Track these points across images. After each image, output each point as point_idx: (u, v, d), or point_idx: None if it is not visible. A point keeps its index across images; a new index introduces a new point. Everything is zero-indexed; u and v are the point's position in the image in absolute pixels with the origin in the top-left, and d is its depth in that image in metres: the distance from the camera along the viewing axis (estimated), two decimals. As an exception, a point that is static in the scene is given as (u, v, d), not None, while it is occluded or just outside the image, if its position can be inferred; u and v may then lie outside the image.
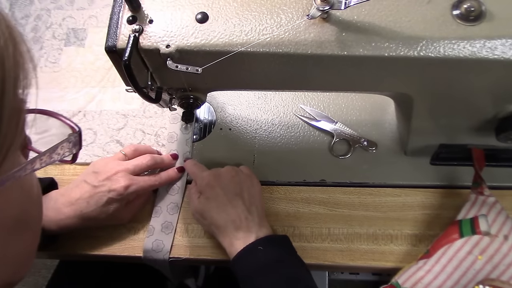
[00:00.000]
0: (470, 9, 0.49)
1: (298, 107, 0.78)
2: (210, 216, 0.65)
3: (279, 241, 0.65)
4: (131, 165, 0.69)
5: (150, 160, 0.71)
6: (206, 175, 0.68)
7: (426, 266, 0.60)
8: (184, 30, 0.53)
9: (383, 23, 0.51)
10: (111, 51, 0.54)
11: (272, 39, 0.51)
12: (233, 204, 0.64)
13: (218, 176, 0.67)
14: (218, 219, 0.64)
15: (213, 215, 0.65)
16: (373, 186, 0.72)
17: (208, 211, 0.65)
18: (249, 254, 0.61)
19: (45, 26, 0.93)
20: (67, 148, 0.39)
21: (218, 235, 0.65)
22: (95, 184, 0.66)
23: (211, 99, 0.81)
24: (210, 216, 0.65)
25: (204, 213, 0.66)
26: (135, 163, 0.70)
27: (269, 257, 0.61)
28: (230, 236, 0.63)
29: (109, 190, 0.66)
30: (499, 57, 0.49)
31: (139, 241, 0.71)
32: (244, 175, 0.69)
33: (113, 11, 0.54)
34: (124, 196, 0.66)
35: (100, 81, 0.86)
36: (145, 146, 0.75)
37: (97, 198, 0.66)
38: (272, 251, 0.62)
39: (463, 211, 0.63)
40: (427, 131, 0.66)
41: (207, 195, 0.66)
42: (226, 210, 0.64)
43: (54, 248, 0.71)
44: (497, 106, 0.58)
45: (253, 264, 0.61)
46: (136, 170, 0.69)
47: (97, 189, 0.66)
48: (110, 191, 0.66)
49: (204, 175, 0.68)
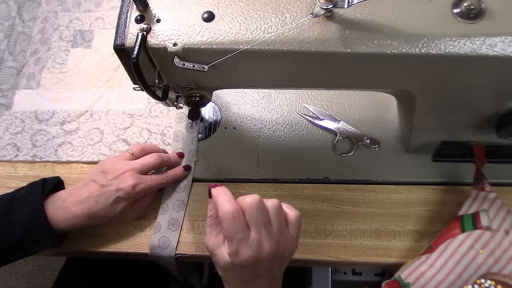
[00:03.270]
0: (470, 7, 0.50)
1: (302, 106, 0.80)
2: (230, 284, 0.57)
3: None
4: (138, 164, 0.70)
5: (156, 159, 0.71)
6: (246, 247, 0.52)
7: (428, 260, 0.61)
8: (191, 28, 0.54)
9: (386, 21, 0.52)
10: (120, 49, 0.55)
11: (277, 37, 0.52)
12: (259, 282, 0.56)
13: (259, 255, 0.53)
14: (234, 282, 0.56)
15: (234, 284, 0.56)
16: (376, 183, 0.73)
17: (230, 280, 0.57)
18: None
19: (53, 28, 0.94)
20: None
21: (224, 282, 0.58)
22: (103, 183, 0.67)
23: (216, 98, 0.82)
24: (231, 284, 0.57)
25: (226, 278, 0.57)
26: (142, 162, 0.70)
27: None
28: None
29: (117, 189, 0.67)
30: (499, 53, 0.50)
31: (146, 238, 0.72)
32: (287, 251, 0.56)
33: (121, 11, 0.56)
34: (131, 195, 0.67)
35: (107, 81, 0.87)
36: (152, 145, 0.76)
37: (105, 197, 0.67)
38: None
39: (464, 206, 0.64)
40: (429, 128, 0.67)
41: (238, 270, 0.54)
42: (249, 284, 0.56)
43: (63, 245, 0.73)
44: (497, 102, 0.59)
45: None
46: (144, 169, 0.70)
47: (105, 188, 0.67)
48: (118, 190, 0.67)
49: (242, 247, 0.52)
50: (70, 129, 0.84)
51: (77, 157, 0.80)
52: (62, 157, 0.81)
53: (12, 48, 0.94)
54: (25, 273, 1.74)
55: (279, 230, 0.54)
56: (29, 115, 0.86)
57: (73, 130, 0.83)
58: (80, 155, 0.81)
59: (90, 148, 0.81)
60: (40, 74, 0.90)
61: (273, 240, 0.53)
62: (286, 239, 0.55)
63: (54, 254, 0.76)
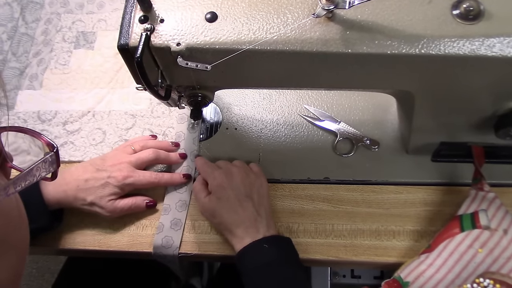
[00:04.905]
0: (469, 8, 0.51)
1: (302, 107, 0.80)
2: (220, 215, 0.68)
3: (284, 242, 0.67)
4: (134, 158, 0.72)
5: (151, 154, 0.73)
6: (218, 174, 0.70)
7: (428, 260, 0.62)
8: (194, 29, 0.55)
9: (386, 22, 0.53)
10: (124, 49, 0.55)
11: (279, 38, 0.53)
12: (244, 206, 0.67)
13: (229, 176, 0.69)
14: (228, 219, 0.67)
15: (223, 215, 0.67)
16: (376, 183, 0.73)
17: (219, 211, 0.68)
18: (254, 250, 0.64)
19: (55, 30, 0.95)
20: (44, 168, 0.39)
21: (227, 234, 0.68)
22: (99, 167, 0.71)
23: (218, 99, 0.83)
24: (220, 216, 0.67)
25: (215, 213, 0.68)
26: (137, 156, 0.73)
27: (273, 255, 0.63)
28: (239, 235, 0.65)
29: (109, 176, 0.70)
30: (497, 54, 0.51)
31: (147, 237, 0.73)
32: (254, 176, 0.71)
33: (125, 11, 0.56)
34: (121, 184, 0.70)
35: (109, 82, 0.88)
36: (155, 142, 0.78)
37: (96, 179, 0.70)
38: (276, 250, 0.64)
39: (463, 206, 0.65)
40: (428, 129, 0.68)
41: (218, 195, 0.68)
42: (237, 211, 0.67)
43: (57, 243, 0.73)
44: (496, 103, 0.60)
45: (257, 260, 0.63)
46: (138, 163, 0.73)
47: (99, 172, 0.70)
48: (110, 177, 0.70)
49: (215, 175, 0.70)
50: (73, 129, 0.84)
51: (79, 157, 0.81)
52: (64, 157, 0.81)
53: (15, 49, 0.94)
54: (24, 275, 1.74)
55: (243, 166, 0.72)
56: (31, 115, 0.87)
57: (75, 130, 0.84)
58: (82, 155, 0.81)
59: (92, 148, 0.82)
60: (42, 74, 0.91)
61: (241, 170, 0.70)
62: (253, 173, 0.71)
63: (55, 253, 0.77)
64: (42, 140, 0.42)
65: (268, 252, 0.63)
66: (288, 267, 0.64)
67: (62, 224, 0.75)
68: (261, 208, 0.68)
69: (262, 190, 0.70)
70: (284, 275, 0.63)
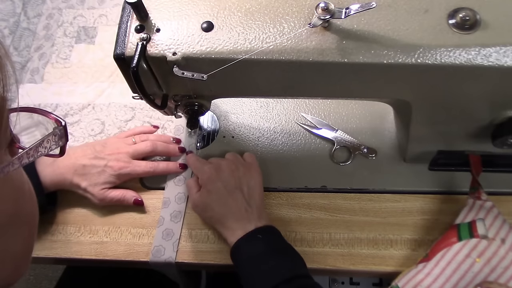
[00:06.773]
0: (465, 18, 0.51)
1: (300, 115, 0.80)
2: (211, 208, 0.68)
3: (277, 232, 0.67)
4: (131, 149, 0.75)
5: (148, 146, 0.75)
6: (207, 169, 0.70)
7: (425, 269, 0.62)
8: (190, 38, 0.55)
9: (382, 32, 0.53)
10: (120, 58, 0.56)
11: (275, 47, 0.53)
12: (233, 197, 0.67)
13: (219, 169, 0.70)
14: (219, 211, 0.68)
15: (214, 208, 0.68)
16: (373, 192, 0.73)
17: (209, 204, 0.69)
18: (248, 242, 0.64)
19: (57, 25, 0.97)
20: (53, 141, 0.40)
21: (219, 227, 0.68)
22: (98, 155, 0.73)
23: (215, 107, 0.83)
24: (211, 209, 0.68)
25: (205, 206, 0.69)
26: (135, 147, 0.75)
27: (268, 245, 0.64)
28: (231, 227, 0.66)
29: (105, 164, 0.72)
30: (494, 64, 0.51)
31: (144, 247, 0.72)
32: (244, 168, 0.71)
33: (122, 20, 0.56)
34: (117, 174, 0.72)
35: (110, 76, 0.90)
36: (156, 136, 0.80)
37: (93, 166, 0.72)
38: (270, 239, 0.65)
39: (461, 215, 0.64)
40: (425, 138, 0.68)
41: (208, 188, 0.69)
42: (227, 202, 0.67)
43: (54, 252, 0.73)
44: (492, 112, 0.60)
45: (252, 251, 0.63)
46: (135, 155, 0.75)
47: (97, 160, 0.72)
48: (106, 166, 0.72)
49: (205, 169, 0.70)
50: (72, 121, 0.86)
51: (77, 148, 0.82)
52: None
53: (17, 44, 0.96)
54: (21, 282, 1.73)
55: (234, 159, 0.72)
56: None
57: (75, 122, 0.86)
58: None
59: (91, 139, 0.83)
60: (44, 68, 0.92)
61: (230, 162, 0.71)
62: (243, 165, 0.71)
63: (53, 262, 0.76)
64: (50, 117, 0.43)
65: (263, 243, 0.64)
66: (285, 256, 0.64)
67: (57, 233, 0.75)
68: (251, 199, 0.68)
69: (252, 182, 0.70)
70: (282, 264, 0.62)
